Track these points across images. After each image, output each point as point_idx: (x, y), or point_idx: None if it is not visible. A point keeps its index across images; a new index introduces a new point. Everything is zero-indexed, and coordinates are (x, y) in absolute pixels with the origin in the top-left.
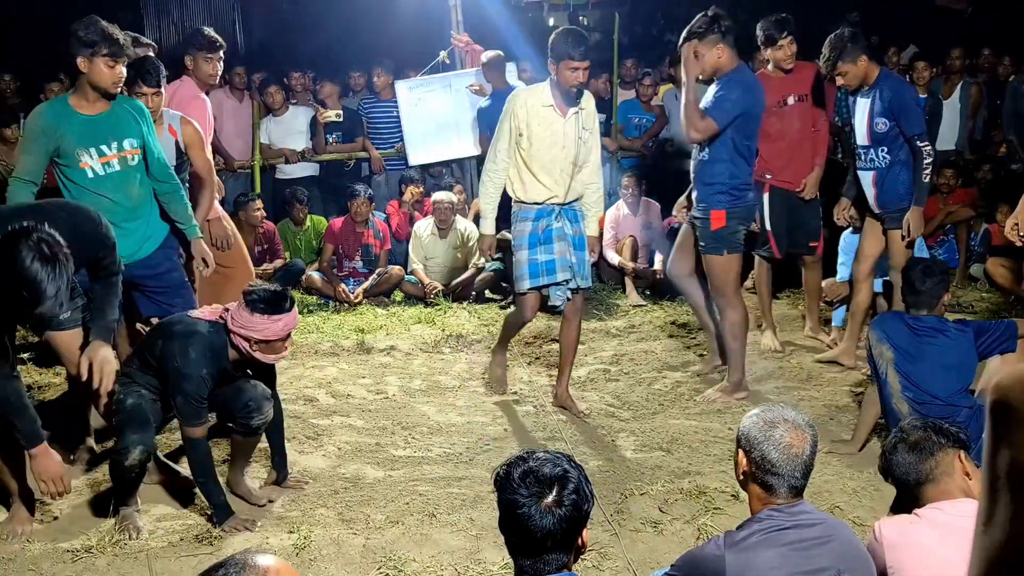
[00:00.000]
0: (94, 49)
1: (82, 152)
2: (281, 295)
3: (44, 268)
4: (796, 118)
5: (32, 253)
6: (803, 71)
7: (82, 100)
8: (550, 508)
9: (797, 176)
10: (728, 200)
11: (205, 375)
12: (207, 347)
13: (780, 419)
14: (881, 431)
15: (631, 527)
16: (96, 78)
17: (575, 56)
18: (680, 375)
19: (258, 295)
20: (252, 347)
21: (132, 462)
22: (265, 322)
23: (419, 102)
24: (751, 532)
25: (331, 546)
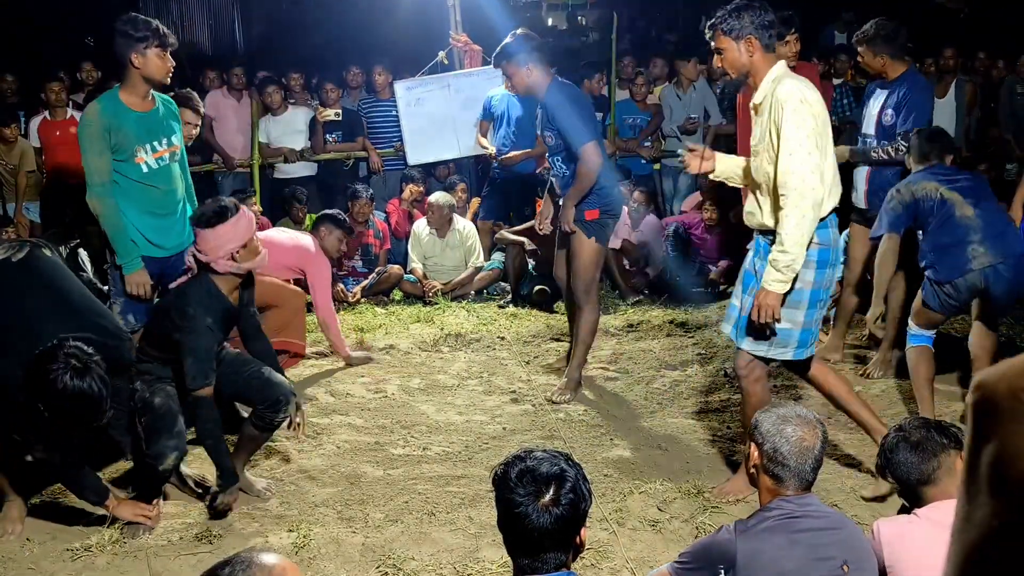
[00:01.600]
0: (147, 43)
1: (139, 148)
2: (222, 203)
3: (84, 381)
4: None
5: (66, 371)
6: (803, 71)
7: (133, 96)
8: (547, 507)
9: None
10: (598, 200)
11: (210, 324)
12: (200, 298)
13: (792, 415)
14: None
15: (629, 526)
16: (151, 70)
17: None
18: (678, 374)
19: (207, 215)
20: (238, 260)
21: (166, 467)
22: (230, 229)
23: (418, 102)
24: (762, 519)
25: (330, 544)
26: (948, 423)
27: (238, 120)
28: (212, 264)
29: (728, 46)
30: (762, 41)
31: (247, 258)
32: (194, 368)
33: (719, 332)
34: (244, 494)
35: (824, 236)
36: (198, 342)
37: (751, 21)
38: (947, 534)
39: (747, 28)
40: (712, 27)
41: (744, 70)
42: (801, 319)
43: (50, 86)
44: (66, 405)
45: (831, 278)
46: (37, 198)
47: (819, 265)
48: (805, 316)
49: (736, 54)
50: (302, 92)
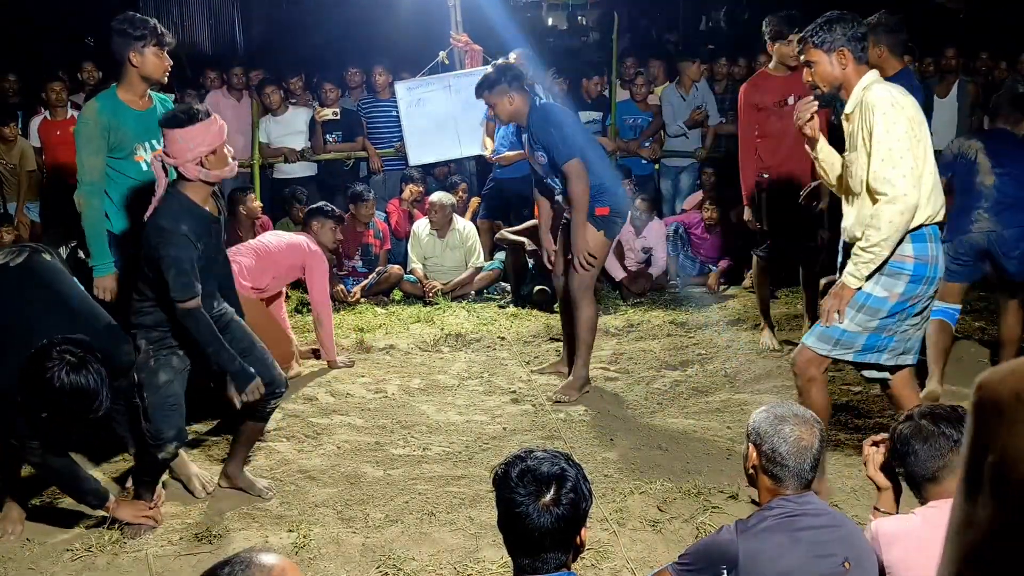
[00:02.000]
0: (144, 41)
1: (138, 146)
2: (194, 106)
3: (80, 375)
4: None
5: (62, 367)
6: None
7: (131, 95)
8: (548, 507)
9: (795, 175)
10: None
11: (186, 232)
12: (172, 211)
13: (789, 414)
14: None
15: (630, 526)
16: (149, 69)
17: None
18: (678, 374)
19: (177, 115)
20: (207, 166)
21: (167, 455)
22: (200, 131)
23: (419, 102)
24: (763, 518)
25: (330, 545)
26: (963, 411)
27: (238, 120)
28: (180, 169)
29: (819, 59)
30: (854, 53)
31: (216, 166)
32: (177, 280)
33: (719, 332)
34: (245, 493)
35: (921, 250)
36: (178, 253)
37: (843, 33)
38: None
39: (839, 40)
40: (803, 40)
41: (836, 83)
42: (873, 325)
43: (51, 86)
44: (63, 401)
45: (925, 294)
46: (37, 198)
47: (913, 280)
48: (879, 323)
49: (828, 67)
50: (302, 92)
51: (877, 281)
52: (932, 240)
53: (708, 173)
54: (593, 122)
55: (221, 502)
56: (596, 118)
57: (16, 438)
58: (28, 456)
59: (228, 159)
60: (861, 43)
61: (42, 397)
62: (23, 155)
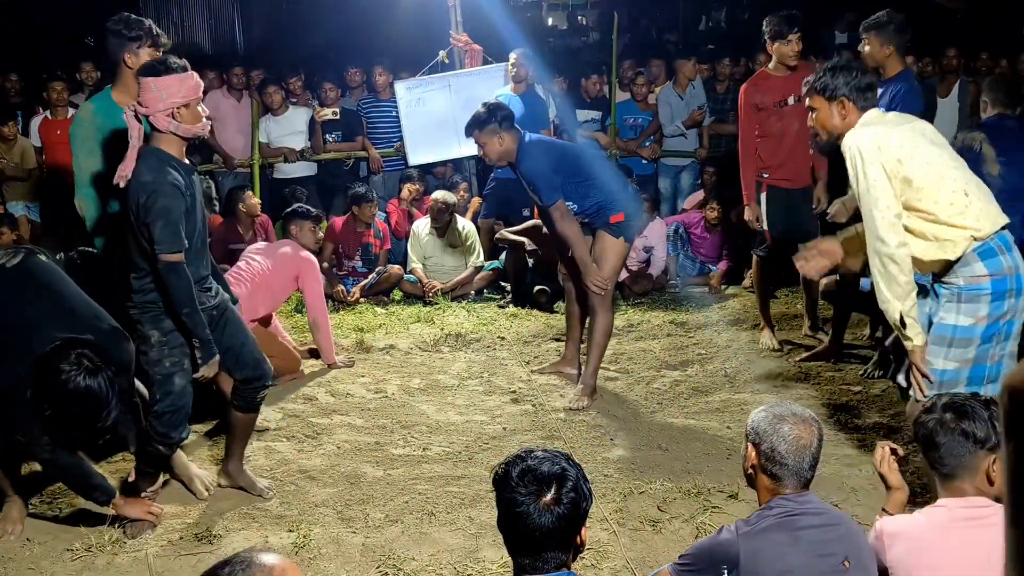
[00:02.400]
0: (140, 42)
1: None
2: (171, 58)
3: (94, 382)
4: (796, 118)
5: (79, 373)
6: (806, 71)
7: (126, 96)
8: (548, 506)
9: (794, 175)
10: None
11: (172, 179)
12: (152, 164)
13: (788, 413)
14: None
15: (630, 526)
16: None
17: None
18: (678, 374)
19: (154, 64)
20: (178, 119)
21: (172, 451)
22: (174, 81)
23: (419, 102)
24: (763, 518)
25: (330, 544)
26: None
27: (238, 120)
28: (152, 120)
29: (820, 105)
30: (856, 104)
31: (188, 120)
32: (163, 232)
33: (719, 332)
34: (245, 493)
35: (995, 265)
36: (167, 203)
37: (845, 82)
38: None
39: (841, 89)
40: (807, 84)
41: (835, 132)
42: (972, 355)
43: (52, 85)
44: (74, 404)
45: (1016, 308)
46: (37, 198)
47: (995, 298)
48: (977, 352)
49: (827, 115)
50: (302, 92)
51: (958, 311)
52: (1004, 251)
53: (709, 172)
54: (592, 121)
55: (221, 502)
56: (595, 117)
57: (24, 434)
58: (37, 452)
59: (202, 116)
60: (864, 93)
61: (53, 398)
62: (23, 154)
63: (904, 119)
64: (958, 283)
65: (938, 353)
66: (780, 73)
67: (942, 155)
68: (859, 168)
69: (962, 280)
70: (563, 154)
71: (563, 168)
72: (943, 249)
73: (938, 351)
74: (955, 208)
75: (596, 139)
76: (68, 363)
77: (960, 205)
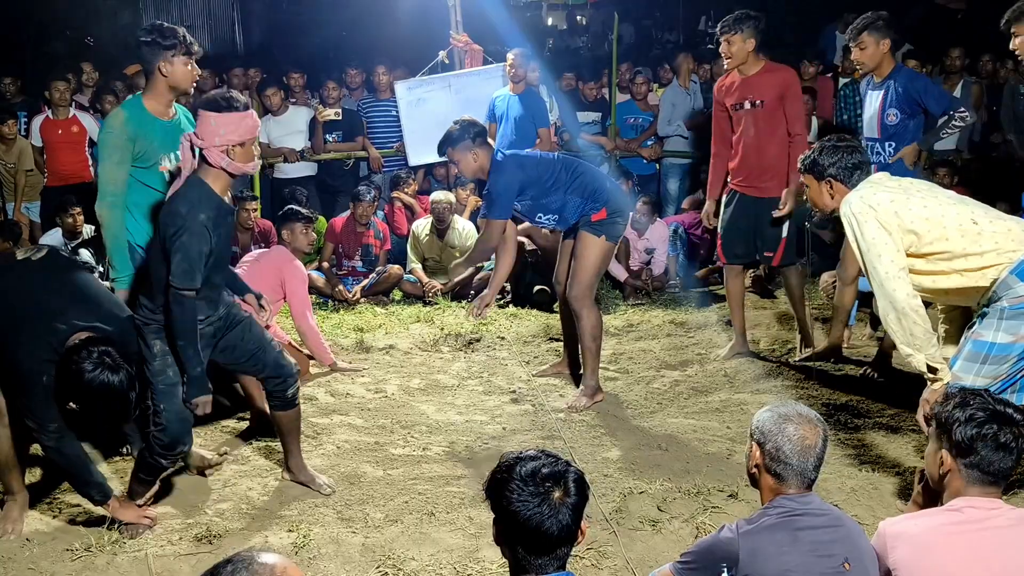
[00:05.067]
0: (175, 51)
1: (164, 157)
2: (233, 94)
3: (116, 376)
4: (751, 124)
5: (100, 368)
6: (770, 75)
7: (158, 105)
8: (562, 501)
9: (756, 183)
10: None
11: (204, 220)
12: (191, 198)
13: (793, 413)
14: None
15: (630, 526)
16: (178, 79)
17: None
18: (678, 374)
19: (216, 98)
20: (232, 156)
21: (172, 463)
22: (235, 120)
23: (419, 102)
24: (764, 517)
25: (330, 544)
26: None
27: None
28: (205, 153)
29: (811, 183)
30: (846, 184)
31: (241, 158)
32: (180, 266)
33: (719, 332)
34: (248, 493)
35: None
36: (190, 241)
37: (832, 163)
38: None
39: (828, 170)
40: (801, 163)
41: (827, 209)
42: (1004, 371)
43: (55, 85)
44: (96, 401)
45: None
46: (37, 198)
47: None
48: (1011, 368)
49: (817, 192)
50: (302, 92)
51: (998, 328)
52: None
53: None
54: (593, 123)
55: (221, 502)
56: (596, 119)
57: (34, 420)
58: (43, 439)
59: (254, 156)
60: (852, 173)
61: (75, 393)
62: (22, 154)
63: (887, 179)
64: (1002, 304)
65: (969, 370)
66: (737, 76)
67: (936, 196)
68: (856, 230)
69: (1006, 301)
70: (538, 165)
71: (538, 181)
72: (974, 279)
73: (970, 367)
74: (967, 239)
75: (598, 142)
76: (91, 361)
77: (972, 234)
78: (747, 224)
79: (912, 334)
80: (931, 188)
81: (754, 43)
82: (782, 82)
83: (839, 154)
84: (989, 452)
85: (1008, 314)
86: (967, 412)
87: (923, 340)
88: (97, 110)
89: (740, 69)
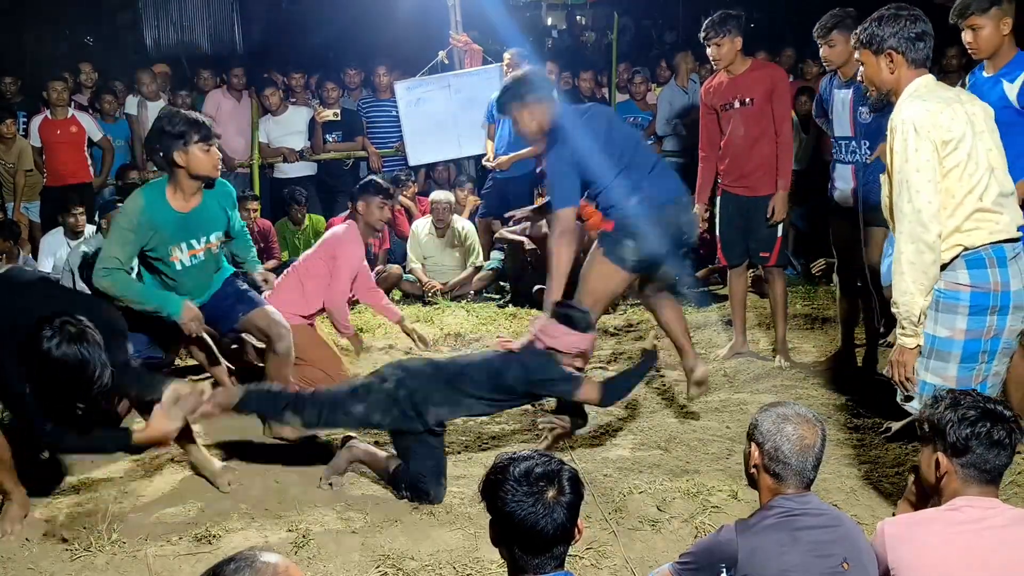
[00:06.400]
0: (185, 139)
1: (174, 248)
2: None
3: (80, 346)
4: (740, 123)
5: (58, 338)
6: (758, 72)
7: (179, 193)
8: (556, 500)
9: (749, 183)
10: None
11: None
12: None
13: (792, 413)
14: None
15: (629, 526)
16: (196, 167)
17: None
18: (678, 374)
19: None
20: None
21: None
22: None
23: (418, 102)
24: (763, 517)
25: (330, 544)
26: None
27: (238, 120)
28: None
29: (867, 60)
30: (907, 56)
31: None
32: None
33: (719, 332)
34: (246, 493)
35: (980, 277)
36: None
37: (893, 32)
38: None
39: (888, 40)
40: (855, 36)
41: (885, 87)
42: (953, 374)
43: (52, 85)
44: (62, 371)
45: (997, 327)
46: (37, 198)
47: (973, 311)
48: (959, 371)
49: (875, 68)
50: (302, 92)
51: (935, 320)
52: (995, 264)
53: None
54: None
55: (221, 502)
56: None
57: (29, 425)
58: (43, 438)
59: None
60: (915, 44)
61: (42, 369)
62: (21, 154)
63: (958, 96)
64: (939, 286)
65: (920, 363)
66: (725, 75)
67: (980, 151)
68: (910, 145)
69: (942, 283)
70: (607, 133)
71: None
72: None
73: (920, 361)
74: (962, 208)
75: None
76: (50, 329)
77: (968, 207)
78: (742, 224)
79: (927, 274)
80: (990, 131)
81: (741, 42)
82: (771, 79)
83: (900, 23)
84: (984, 450)
85: (942, 305)
86: (959, 412)
87: (928, 285)
88: (96, 110)
89: (728, 69)
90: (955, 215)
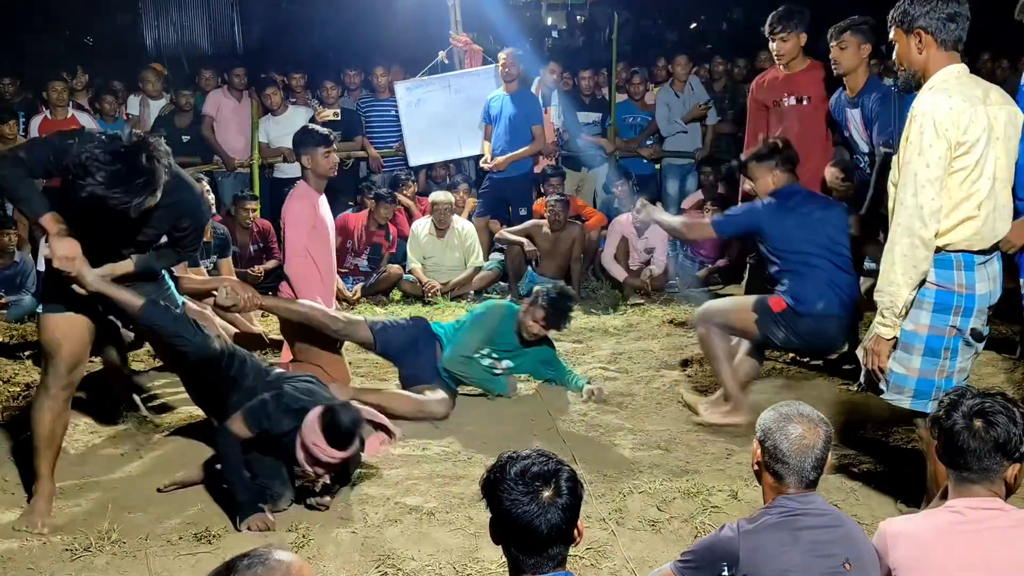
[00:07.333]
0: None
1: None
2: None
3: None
4: (795, 120)
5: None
6: (817, 72)
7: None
8: (552, 500)
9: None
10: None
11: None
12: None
13: (796, 413)
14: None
15: (629, 526)
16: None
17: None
18: (678, 374)
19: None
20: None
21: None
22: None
23: (418, 102)
24: (765, 516)
25: (330, 544)
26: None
27: (238, 120)
28: None
29: (899, 38)
30: (937, 37)
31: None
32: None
33: None
34: None
35: (945, 277)
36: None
37: (924, 12)
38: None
39: (919, 19)
40: (890, 16)
41: (913, 67)
42: (916, 366)
43: (52, 85)
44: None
45: (960, 326)
46: None
47: (937, 309)
48: (922, 364)
49: (905, 48)
50: (302, 92)
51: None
52: (962, 267)
53: (706, 172)
54: (593, 124)
55: (221, 502)
56: (596, 119)
57: None
58: None
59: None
60: (946, 24)
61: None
62: None
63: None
64: None
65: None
66: (780, 72)
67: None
68: (926, 139)
69: None
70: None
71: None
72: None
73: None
74: (957, 212)
75: (598, 143)
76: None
77: (963, 213)
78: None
79: (917, 269)
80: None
81: (805, 38)
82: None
83: (933, 2)
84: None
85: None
86: (956, 412)
87: (916, 279)
88: (96, 110)
89: (787, 65)
90: (949, 217)
